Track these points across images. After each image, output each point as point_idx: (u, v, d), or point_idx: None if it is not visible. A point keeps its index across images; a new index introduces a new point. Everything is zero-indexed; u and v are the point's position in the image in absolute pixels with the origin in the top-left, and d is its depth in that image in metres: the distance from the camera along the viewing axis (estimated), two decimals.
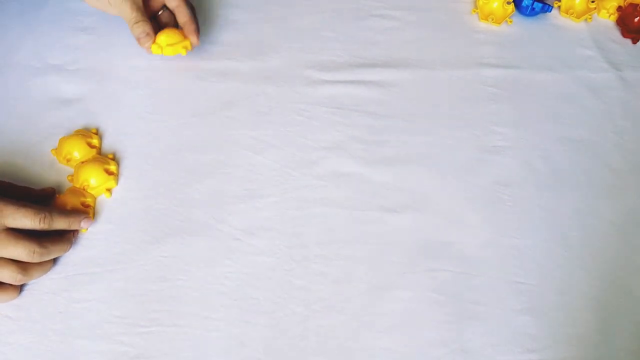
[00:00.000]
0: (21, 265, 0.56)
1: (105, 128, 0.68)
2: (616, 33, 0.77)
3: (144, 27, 0.68)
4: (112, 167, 0.64)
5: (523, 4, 0.76)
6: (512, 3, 0.76)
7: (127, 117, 0.68)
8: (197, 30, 0.70)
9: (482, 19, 0.77)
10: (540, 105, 0.71)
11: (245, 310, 0.58)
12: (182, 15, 0.70)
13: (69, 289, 0.58)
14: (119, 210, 0.63)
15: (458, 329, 0.57)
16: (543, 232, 0.62)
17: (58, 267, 0.59)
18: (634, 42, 0.76)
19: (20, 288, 0.58)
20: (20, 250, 0.55)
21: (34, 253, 0.55)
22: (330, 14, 0.77)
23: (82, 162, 0.64)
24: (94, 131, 0.67)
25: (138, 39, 0.69)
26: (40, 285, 0.58)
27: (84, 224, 0.60)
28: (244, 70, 0.72)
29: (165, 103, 0.69)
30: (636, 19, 0.76)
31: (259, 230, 0.62)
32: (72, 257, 0.60)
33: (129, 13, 0.67)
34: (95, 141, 0.66)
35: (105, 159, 0.64)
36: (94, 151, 0.65)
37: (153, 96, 0.70)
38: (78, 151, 0.64)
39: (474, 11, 0.78)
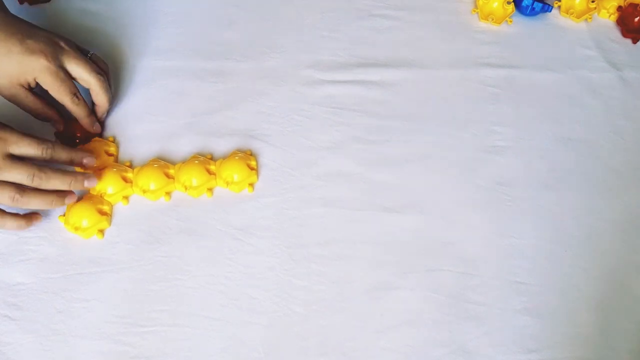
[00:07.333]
0: (20, 187, 0.57)
1: (108, 132, 0.67)
2: (616, 33, 0.77)
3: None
4: (130, 175, 0.63)
5: (523, 4, 0.76)
6: (512, 3, 0.76)
7: (128, 116, 0.68)
8: (103, 115, 0.66)
9: (482, 19, 0.77)
10: (540, 105, 0.71)
11: (245, 310, 0.58)
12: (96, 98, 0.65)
13: (68, 288, 0.58)
14: (119, 210, 0.63)
15: (458, 329, 0.57)
16: (543, 232, 0.62)
17: (58, 267, 0.59)
18: (634, 42, 0.76)
19: (29, 221, 0.59)
20: (21, 173, 0.56)
21: (33, 176, 0.57)
22: (330, 14, 0.77)
23: (99, 170, 0.63)
24: (112, 139, 0.67)
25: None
26: (39, 284, 0.58)
27: (87, 183, 0.60)
28: (244, 70, 0.72)
29: (165, 103, 0.69)
30: (636, 19, 0.76)
31: (259, 230, 0.62)
32: (72, 257, 0.60)
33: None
34: (112, 149, 0.65)
35: (123, 167, 0.64)
36: (111, 159, 0.65)
37: (153, 96, 0.70)
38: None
39: (474, 11, 0.78)
